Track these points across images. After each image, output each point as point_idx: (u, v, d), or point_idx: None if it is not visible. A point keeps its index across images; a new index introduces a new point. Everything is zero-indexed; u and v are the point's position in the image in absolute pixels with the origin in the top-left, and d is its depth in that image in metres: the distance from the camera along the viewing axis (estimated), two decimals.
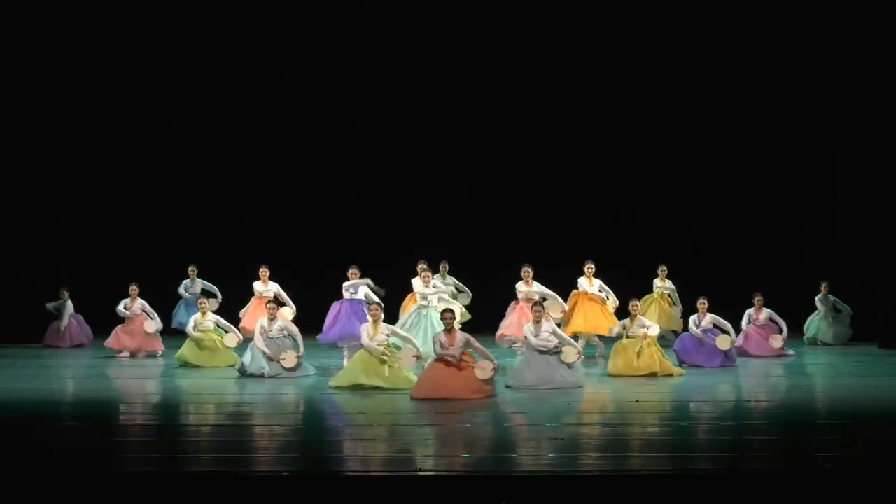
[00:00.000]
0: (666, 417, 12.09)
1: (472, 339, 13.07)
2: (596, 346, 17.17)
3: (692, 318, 16.29)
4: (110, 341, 17.40)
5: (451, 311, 13.34)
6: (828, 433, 11.10)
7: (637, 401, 12.65)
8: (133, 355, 17.34)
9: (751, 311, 17.78)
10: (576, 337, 16.29)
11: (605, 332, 16.56)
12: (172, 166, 21.72)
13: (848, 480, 8.68)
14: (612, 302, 17.03)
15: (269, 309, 15.13)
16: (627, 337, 14.96)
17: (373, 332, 13.66)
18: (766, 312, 17.69)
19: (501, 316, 16.91)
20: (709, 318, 16.14)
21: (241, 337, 16.47)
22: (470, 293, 18.02)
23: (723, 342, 15.86)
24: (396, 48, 21.11)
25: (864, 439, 10.39)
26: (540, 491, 8.42)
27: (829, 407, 12.92)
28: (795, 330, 18.91)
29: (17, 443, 10.21)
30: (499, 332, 16.73)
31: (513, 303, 16.85)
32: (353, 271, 15.95)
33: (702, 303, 16.29)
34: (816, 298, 19.57)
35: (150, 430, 11.25)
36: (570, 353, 13.68)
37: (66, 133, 20.83)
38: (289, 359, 14.61)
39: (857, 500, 8.48)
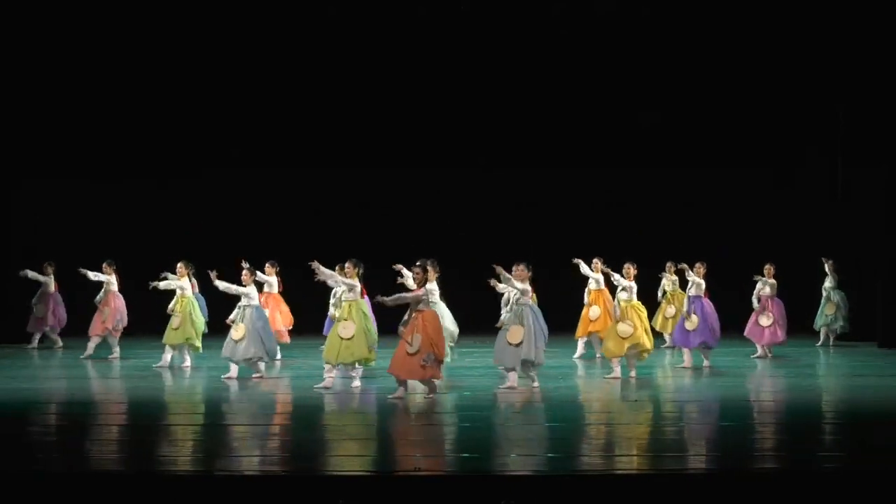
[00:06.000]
0: (666, 417, 12.08)
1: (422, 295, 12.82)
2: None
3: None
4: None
5: (422, 268, 13.06)
6: (828, 433, 11.10)
7: (637, 400, 12.68)
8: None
9: (759, 283, 17.38)
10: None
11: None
12: (171, 165, 21.78)
13: (848, 480, 8.67)
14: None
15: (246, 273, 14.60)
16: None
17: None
18: (772, 283, 17.36)
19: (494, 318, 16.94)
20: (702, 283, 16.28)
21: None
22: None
23: (690, 323, 15.94)
24: (390, 37, 21.04)
25: (863, 439, 10.38)
26: (540, 491, 8.41)
27: (828, 406, 12.93)
28: (801, 329, 18.97)
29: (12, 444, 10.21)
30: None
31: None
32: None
33: (698, 267, 16.29)
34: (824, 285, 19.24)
35: (145, 430, 11.23)
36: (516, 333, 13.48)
37: (64, 134, 20.87)
38: (238, 330, 14.42)
39: (858, 501, 8.47)
